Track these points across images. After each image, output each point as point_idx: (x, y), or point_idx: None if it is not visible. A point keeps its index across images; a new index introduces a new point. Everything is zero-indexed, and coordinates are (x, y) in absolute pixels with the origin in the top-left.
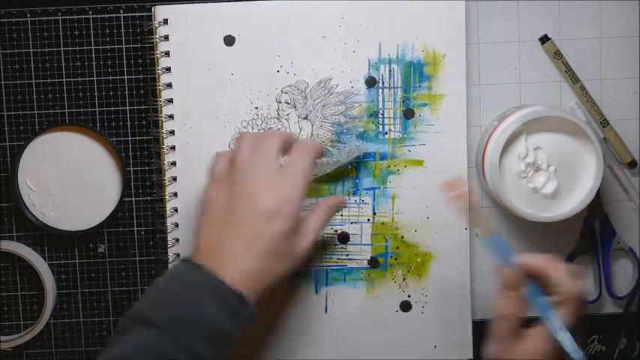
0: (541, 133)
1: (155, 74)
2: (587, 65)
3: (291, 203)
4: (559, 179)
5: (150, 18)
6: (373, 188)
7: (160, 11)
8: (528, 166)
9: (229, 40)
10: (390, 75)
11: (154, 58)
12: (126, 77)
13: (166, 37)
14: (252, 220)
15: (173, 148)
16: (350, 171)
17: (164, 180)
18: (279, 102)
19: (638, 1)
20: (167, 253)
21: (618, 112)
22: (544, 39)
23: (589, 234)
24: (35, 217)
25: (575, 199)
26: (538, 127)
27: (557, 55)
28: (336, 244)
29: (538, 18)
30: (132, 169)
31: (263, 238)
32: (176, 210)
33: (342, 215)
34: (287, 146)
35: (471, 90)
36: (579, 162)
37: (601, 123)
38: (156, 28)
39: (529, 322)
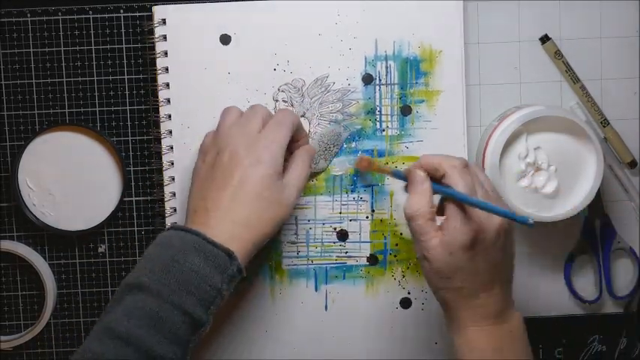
0: (541, 133)
1: (155, 74)
2: (587, 65)
3: (271, 151)
4: (559, 179)
5: (150, 18)
6: (371, 185)
7: (158, 11)
8: (528, 166)
9: (225, 39)
10: (386, 72)
11: (153, 58)
12: (126, 77)
13: (164, 37)
14: (235, 169)
15: (171, 147)
16: (348, 168)
17: (163, 180)
18: (276, 100)
19: (638, 1)
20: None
21: (618, 112)
22: (544, 39)
23: (589, 234)
24: (35, 217)
25: (575, 199)
26: (538, 127)
27: (557, 55)
28: (335, 242)
29: (538, 18)
30: (132, 169)
31: (247, 184)
32: (175, 210)
33: (340, 213)
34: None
35: (471, 90)
36: (579, 162)
37: (601, 123)
38: (155, 28)
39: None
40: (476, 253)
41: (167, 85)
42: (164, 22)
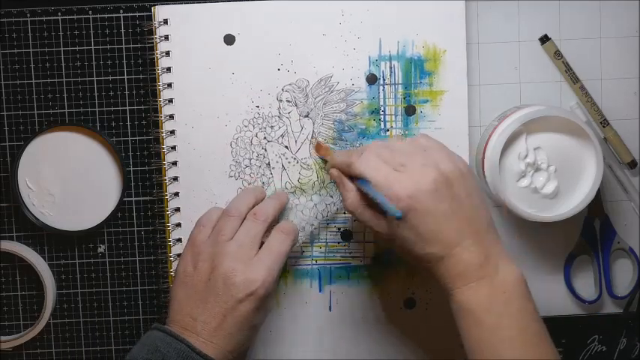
0: (541, 133)
1: (155, 74)
2: (587, 65)
3: (265, 287)
4: (559, 179)
5: (150, 18)
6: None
7: (160, 11)
8: (528, 166)
9: (229, 40)
10: (390, 72)
11: (153, 58)
12: (126, 77)
13: (166, 37)
14: (228, 299)
15: (174, 147)
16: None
17: (165, 180)
18: (280, 100)
19: (638, 1)
20: (167, 253)
21: (618, 112)
22: (544, 39)
23: (589, 234)
24: (35, 217)
25: (575, 199)
26: (538, 127)
27: (557, 55)
28: (339, 242)
29: (538, 18)
30: (132, 169)
31: (235, 317)
32: (177, 210)
33: (345, 213)
34: (272, 222)
35: (471, 90)
36: (579, 162)
37: (601, 123)
38: (156, 28)
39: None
40: (422, 215)
41: (170, 85)
42: (165, 22)
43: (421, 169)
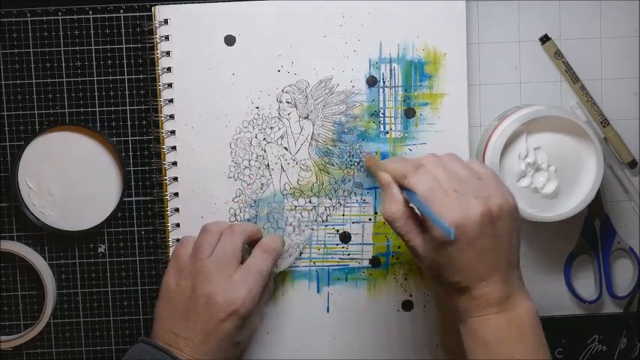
0: (541, 133)
1: (155, 74)
2: (587, 65)
3: (245, 306)
4: (559, 179)
5: (150, 18)
6: (374, 187)
7: (161, 11)
8: (528, 166)
9: (230, 40)
10: (390, 74)
11: (154, 58)
12: (126, 77)
13: (167, 37)
14: (210, 318)
15: (174, 148)
16: (350, 170)
17: (165, 180)
18: (280, 102)
19: (638, 1)
20: (167, 252)
21: (618, 112)
22: (544, 39)
23: (589, 234)
24: (35, 217)
25: (575, 199)
26: (538, 127)
27: (557, 55)
28: (337, 244)
29: (538, 18)
30: (132, 169)
31: (218, 335)
32: (177, 210)
33: (343, 215)
34: (252, 240)
35: (471, 90)
36: (579, 162)
37: (601, 123)
38: (156, 28)
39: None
40: (461, 246)
41: (170, 85)
42: (166, 22)
43: (472, 199)
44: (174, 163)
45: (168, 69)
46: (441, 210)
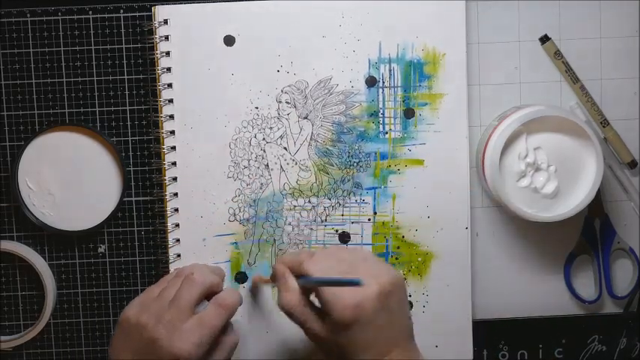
0: (541, 133)
1: (155, 74)
2: (587, 65)
3: (196, 355)
4: (559, 179)
5: (150, 18)
6: (374, 188)
7: (160, 11)
8: (528, 166)
9: (229, 40)
10: (390, 74)
11: (153, 58)
12: (126, 77)
13: (167, 37)
14: None
15: (174, 148)
16: (350, 170)
17: (164, 180)
18: (280, 102)
19: (638, 1)
20: (167, 253)
21: (618, 112)
22: (544, 39)
23: (589, 234)
24: (35, 217)
25: (575, 199)
26: (538, 127)
27: (557, 55)
28: (336, 244)
29: (538, 18)
30: (132, 169)
31: None
32: (177, 210)
33: (342, 215)
34: (210, 293)
35: (471, 90)
36: (579, 162)
37: (601, 123)
38: (156, 28)
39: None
40: (362, 325)
41: (170, 85)
42: (166, 22)
43: (367, 279)
44: (174, 163)
45: (168, 69)
46: (338, 292)
